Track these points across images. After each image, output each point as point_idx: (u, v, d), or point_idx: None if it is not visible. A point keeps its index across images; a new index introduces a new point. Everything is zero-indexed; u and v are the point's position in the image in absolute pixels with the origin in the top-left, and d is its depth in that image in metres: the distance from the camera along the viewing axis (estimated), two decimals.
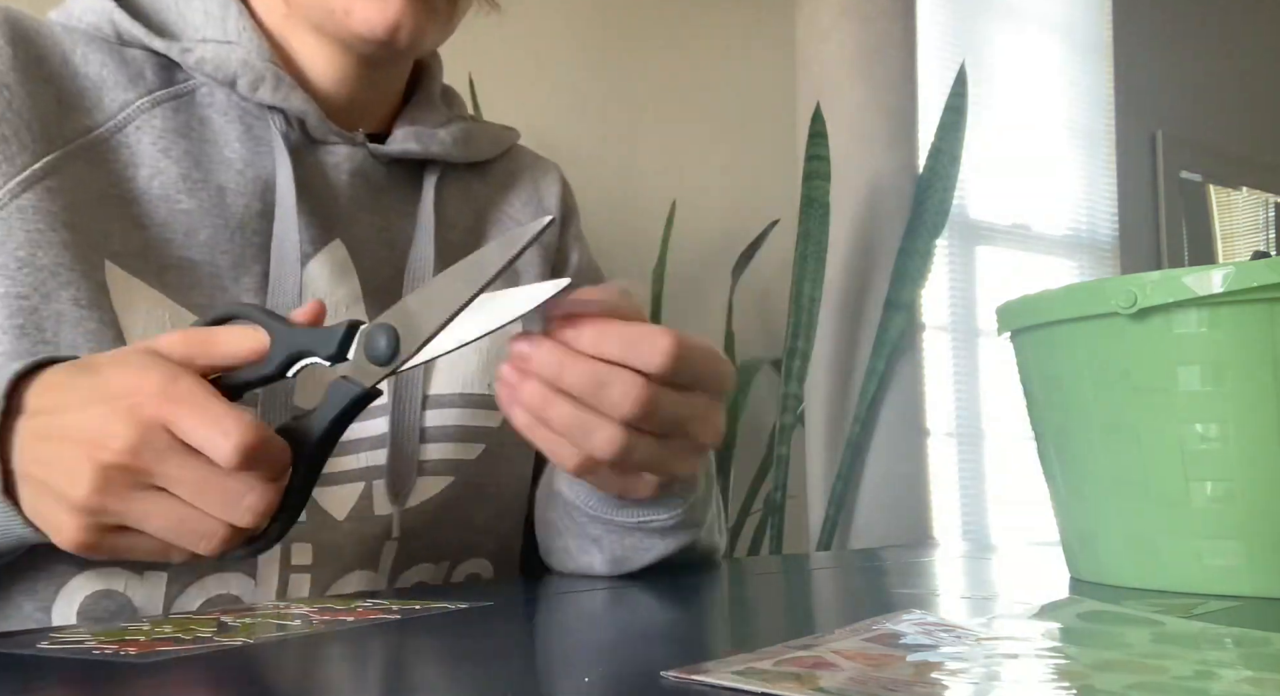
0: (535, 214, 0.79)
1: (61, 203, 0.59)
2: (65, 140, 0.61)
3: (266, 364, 0.47)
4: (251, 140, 0.66)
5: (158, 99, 0.64)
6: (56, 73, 0.62)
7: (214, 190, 0.64)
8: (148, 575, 0.58)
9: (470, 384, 0.69)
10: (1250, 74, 3.71)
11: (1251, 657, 0.39)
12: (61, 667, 0.38)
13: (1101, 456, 0.59)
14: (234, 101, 0.66)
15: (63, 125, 0.61)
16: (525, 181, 0.80)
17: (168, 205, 0.62)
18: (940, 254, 2.71)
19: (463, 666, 0.39)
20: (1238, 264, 0.52)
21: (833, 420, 2.07)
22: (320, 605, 0.52)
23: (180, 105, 0.65)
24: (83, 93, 0.63)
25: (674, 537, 0.62)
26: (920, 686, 0.33)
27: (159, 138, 0.63)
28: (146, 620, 0.48)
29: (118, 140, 0.62)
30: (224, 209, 0.63)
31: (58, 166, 0.60)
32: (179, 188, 0.63)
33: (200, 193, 0.63)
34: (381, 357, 0.47)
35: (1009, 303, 0.65)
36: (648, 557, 0.63)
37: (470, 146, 0.75)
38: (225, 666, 0.38)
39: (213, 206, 0.63)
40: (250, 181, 0.65)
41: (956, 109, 2.05)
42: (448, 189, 0.74)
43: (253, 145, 0.66)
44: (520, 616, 0.52)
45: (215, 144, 0.65)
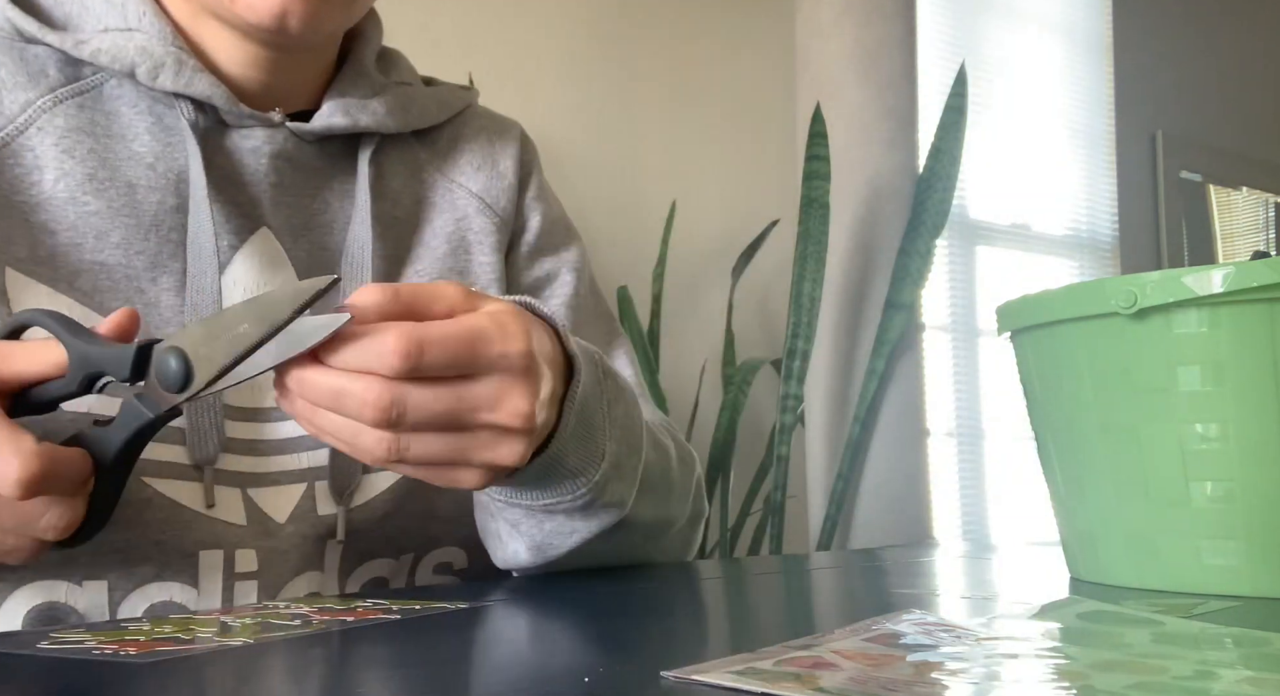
0: (489, 179, 0.75)
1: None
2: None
3: (68, 381, 0.47)
4: (163, 131, 0.63)
5: (60, 97, 0.61)
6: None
7: (123, 188, 0.61)
8: (87, 584, 0.57)
9: None
10: (1250, 74, 3.71)
11: (1251, 657, 0.39)
12: (61, 667, 0.38)
13: (1101, 456, 0.59)
14: (143, 93, 0.63)
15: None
16: (478, 144, 0.76)
17: (75, 208, 0.60)
18: (940, 254, 2.71)
19: (463, 666, 0.39)
20: (1238, 264, 0.52)
21: (833, 420, 2.07)
22: (320, 605, 0.52)
23: (85, 101, 0.62)
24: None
25: (595, 518, 0.59)
26: (920, 686, 0.33)
27: (61, 138, 0.60)
28: (147, 620, 0.48)
29: (19, 144, 0.60)
30: (135, 207, 0.61)
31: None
32: (85, 189, 0.60)
33: (108, 192, 0.61)
34: (173, 383, 0.46)
35: (1009, 303, 0.65)
36: (571, 541, 0.60)
37: (409, 113, 0.71)
38: (226, 666, 0.38)
39: (123, 205, 0.61)
40: (162, 176, 0.62)
41: (956, 109, 2.05)
42: (389, 162, 0.71)
43: (164, 137, 0.63)
44: (520, 616, 0.52)
45: (123, 139, 0.62)
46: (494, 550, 0.65)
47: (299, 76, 0.68)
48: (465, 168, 0.75)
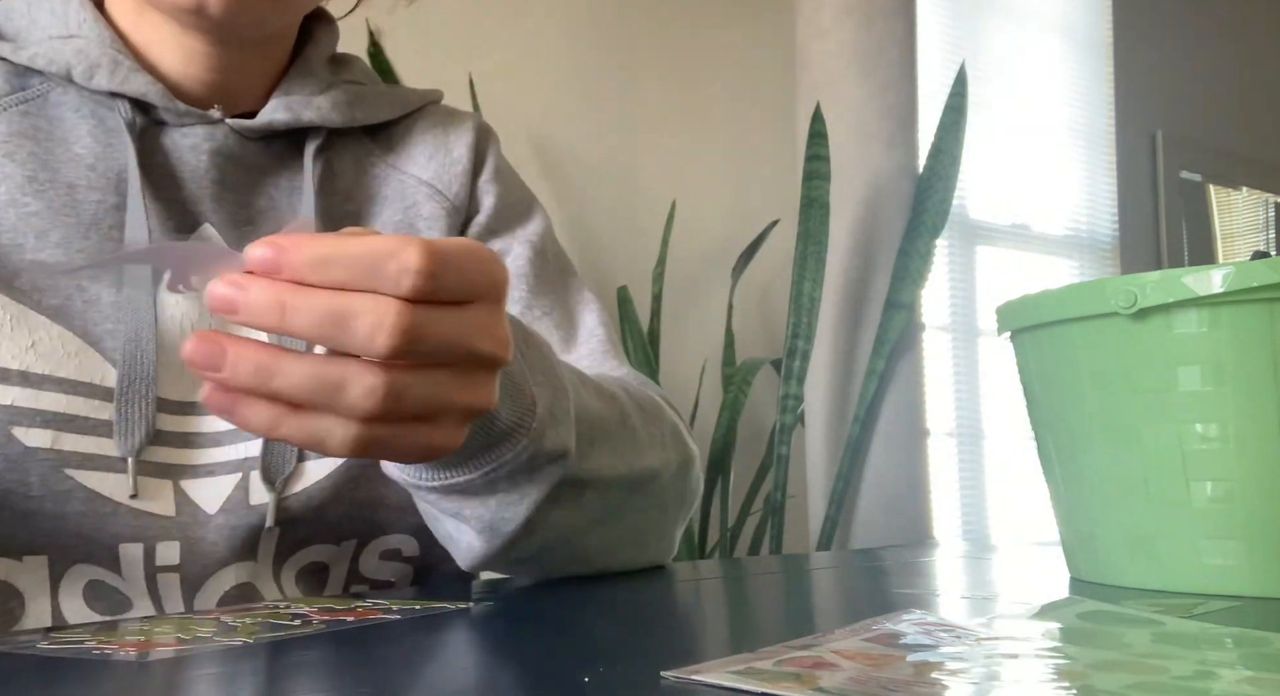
0: (440, 165, 0.74)
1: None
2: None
3: None
4: (104, 133, 0.64)
5: (4, 105, 0.63)
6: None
7: (63, 189, 0.62)
8: (27, 560, 0.58)
9: None
10: (1250, 73, 3.71)
11: (1251, 657, 0.39)
12: (61, 667, 0.38)
13: (1101, 456, 0.59)
14: (85, 97, 0.64)
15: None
16: (431, 135, 0.75)
17: (15, 210, 0.61)
18: (940, 254, 2.71)
19: (463, 665, 0.39)
20: (1238, 264, 0.52)
21: (833, 420, 2.07)
22: (320, 605, 0.52)
23: (29, 109, 0.64)
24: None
25: (541, 475, 0.53)
26: (920, 686, 0.33)
27: (2, 143, 0.62)
28: (146, 619, 0.48)
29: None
30: (75, 207, 0.62)
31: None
32: (25, 190, 0.62)
33: (48, 193, 0.62)
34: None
35: (1009, 303, 0.65)
36: (524, 509, 0.54)
37: (356, 109, 0.71)
38: (225, 667, 0.38)
39: (63, 206, 0.62)
40: (101, 175, 0.63)
41: (956, 109, 2.05)
42: (337, 158, 0.71)
43: (105, 138, 0.64)
44: (520, 616, 0.52)
45: (64, 142, 0.64)
46: (454, 553, 0.61)
47: (245, 76, 0.68)
48: (418, 158, 0.74)
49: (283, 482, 0.63)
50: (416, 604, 0.52)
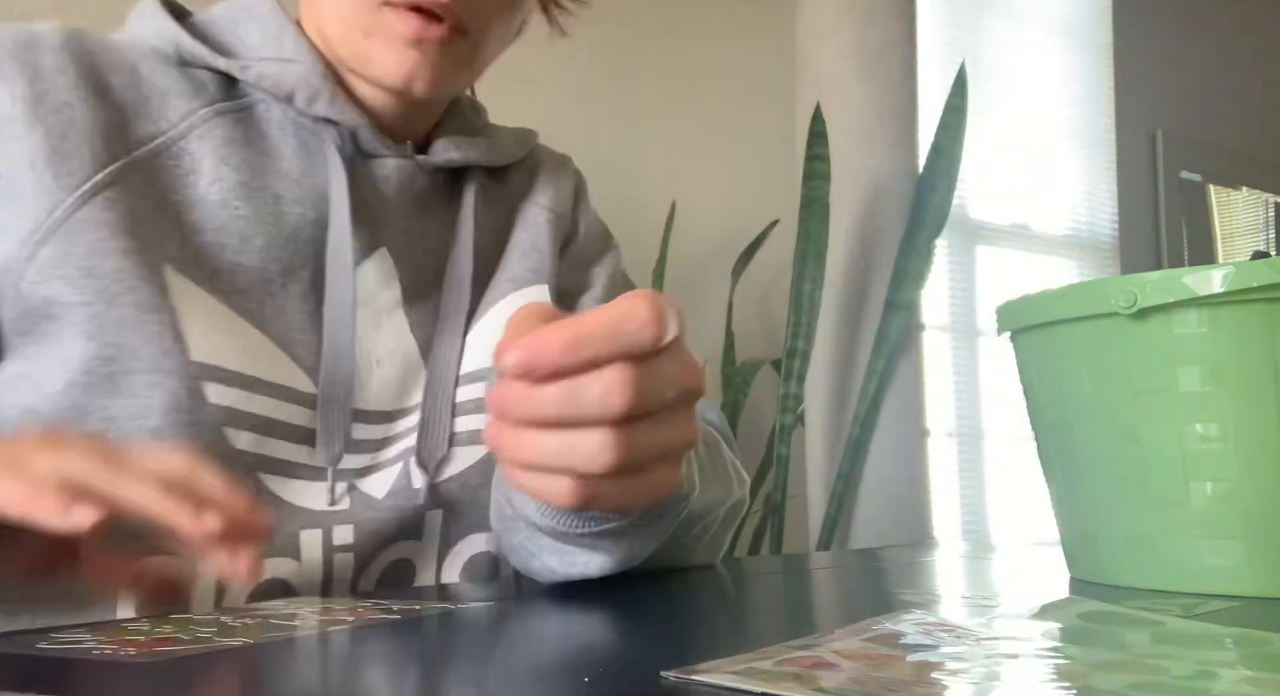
0: (554, 192, 0.82)
1: (121, 210, 0.61)
2: (128, 149, 0.63)
3: None
4: (306, 154, 0.68)
5: (219, 110, 0.67)
6: (122, 83, 0.65)
7: (270, 198, 0.66)
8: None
9: None
10: (1250, 73, 3.71)
11: (1251, 657, 0.39)
12: (60, 667, 0.38)
13: (1101, 456, 0.59)
14: (289, 117, 0.68)
15: (126, 134, 0.63)
16: (545, 174, 0.84)
17: (226, 211, 0.65)
18: (940, 254, 2.71)
19: (462, 666, 0.39)
20: (1238, 264, 0.52)
21: (833, 420, 2.07)
22: (322, 605, 0.52)
23: (240, 118, 0.68)
24: (147, 100, 0.65)
25: (675, 517, 0.58)
26: (920, 686, 0.33)
27: (219, 146, 0.66)
28: (146, 620, 0.48)
29: (179, 147, 0.65)
30: (279, 216, 0.66)
31: (120, 176, 0.62)
32: (237, 194, 0.65)
33: (257, 200, 0.66)
34: None
35: (1009, 302, 0.65)
36: (649, 548, 0.59)
37: (501, 152, 0.79)
38: (225, 666, 0.38)
39: (269, 213, 0.66)
40: (306, 191, 0.67)
41: (956, 109, 2.05)
42: (478, 194, 0.77)
43: (307, 158, 0.68)
44: (520, 616, 0.52)
45: (272, 155, 0.68)
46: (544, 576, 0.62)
47: (417, 120, 0.75)
48: (536, 189, 0.83)
49: (435, 467, 0.68)
50: (417, 604, 0.52)
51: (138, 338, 0.59)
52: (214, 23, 0.71)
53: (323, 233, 0.67)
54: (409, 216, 0.72)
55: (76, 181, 0.60)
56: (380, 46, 0.66)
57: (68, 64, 0.63)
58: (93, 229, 0.60)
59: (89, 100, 0.63)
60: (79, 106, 0.62)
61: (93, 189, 0.61)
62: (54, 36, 0.64)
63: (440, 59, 0.67)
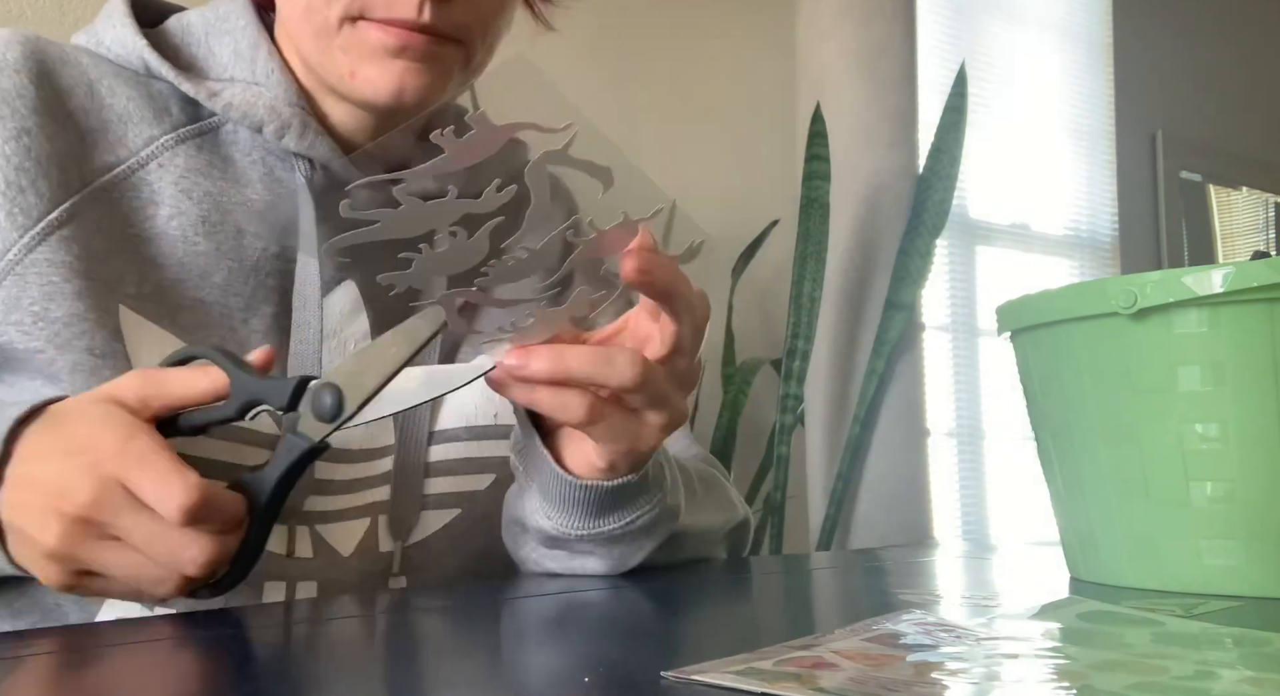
0: None
1: (76, 251, 0.59)
2: (84, 182, 0.61)
3: (227, 406, 0.50)
4: (274, 183, 0.66)
5: (182, 136, 0.64)
6: (81, 106, 0.62)
7: (232, 232, 0.64)
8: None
9: (475, 416, 0.69)
10: (1250, 73, 3.71)
11: (1251, 657, 0.38)
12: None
13: (1101, 456, 0.59)
14: (258, 142, 0.66)
15: (83, 165, 0.61)
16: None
17: (185, 246, 0.62)
18: (940, 254, 2.71)
19: (462, 665, 0.39)
20: (1238, 264, 0.52)
21: (833, 420, 2.07)
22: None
23: (204, 143, 0.65)
24: (106, 127, 0.62)
25: (660, 530, 0.62)
26: (920, 686, 0.33)
27: (181, 177, 0.63)
28: None
29: (138, 178, 0.62)
30: (240, 251, 0.64)
31: (75, 212, 0.60)
32: (198, 229, 0.63)
33: (218, 234, 0.63)
34: (326, 414, 0.49)
35: (1009, 302, 0.65)
36: (638, 556, 0.62)
37: (484, 176, 0.76)
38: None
39: (230, 249, 0.63)
40: (270, 225, 0.65)
41: (956, 109, 2.05)
42: None
43: (275, 188, 0.66)
44: (520, 616, 0.52)
45: (237, 184, 0.65)
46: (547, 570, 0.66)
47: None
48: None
49: (406, 531, 0.66)
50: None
51: (92, 383, 0.56)
52: (186, 30, 0.67)
53: (285, 266, 0.65)
54: (380, 244, 0.70)
55: (31, 221, 0.58)
56: (362, 61, 0.62)
57: (26, 86, 0.60)
58: (47, 271, 0.57)
59: (47, 128, 0.60)
60: (37, 135, 0.59)
61: (47, 228, 0.58)
62: (10, 52, 0.61)
63: (428, 65, 0.63)
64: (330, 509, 0.65)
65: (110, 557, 0.47)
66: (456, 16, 0.62)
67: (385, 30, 0.61)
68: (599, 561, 0.62)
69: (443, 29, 0.62)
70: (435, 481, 0.68)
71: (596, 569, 0.62)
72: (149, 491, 0.46)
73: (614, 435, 0.53)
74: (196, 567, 0.47)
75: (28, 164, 0.59)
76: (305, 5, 0.62)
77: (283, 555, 0.62)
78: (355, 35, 0.61)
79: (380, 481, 0.66)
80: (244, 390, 0.50)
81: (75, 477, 0.46)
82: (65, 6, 1.61)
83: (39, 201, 0.58)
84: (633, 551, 0.61)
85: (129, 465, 0.46)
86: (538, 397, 0.51)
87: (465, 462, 0.69)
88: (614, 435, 0.53)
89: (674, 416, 0.55)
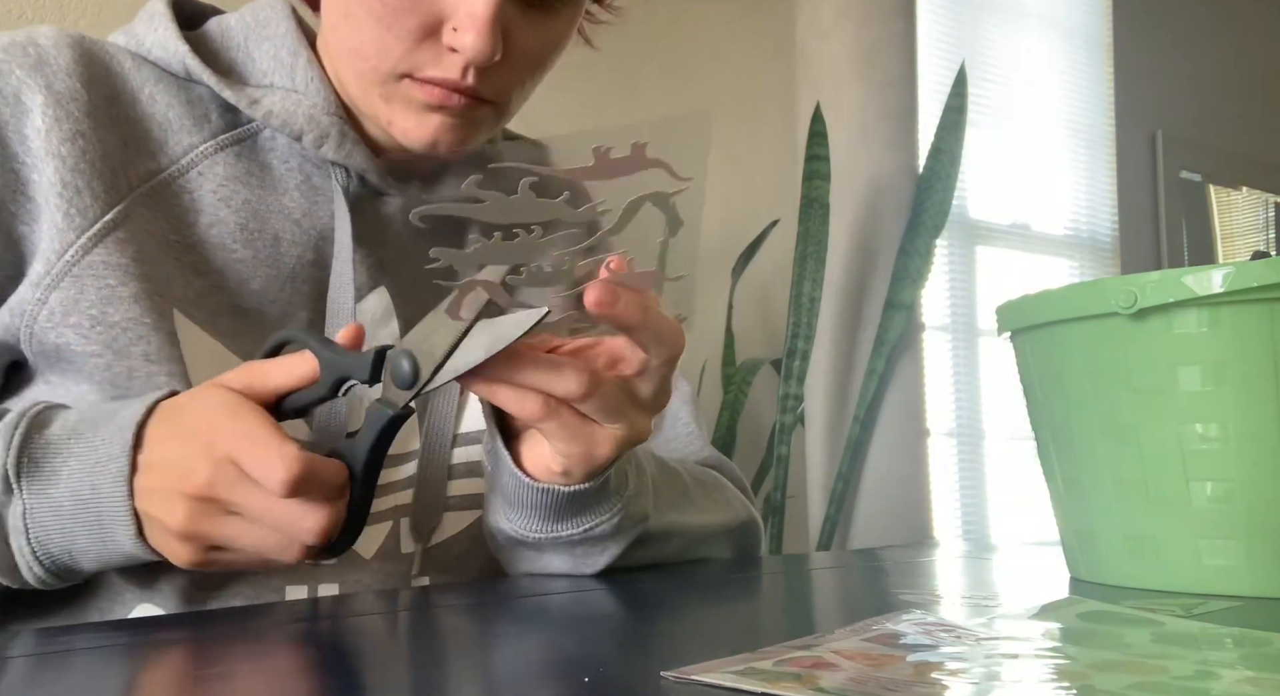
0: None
1: (131, 253, 0.59)
2: (130, 186, 0.61)
3: (319, 386, 0.53)
4: (310, 190, 0.66)
5: (221, 144, 0.65)
6: (124, 114, 0.62)
7: (269, 240, 0.64)
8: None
9: None
10: (1250, 74, 3.71)
11: (1251, 657, 0.38)
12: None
13: (1101, 456, 0.59)
14: (295, 149, 0.66)
15: (128, 169, 0.61)
16: None
17: (224, 253, 0.63)
18: (940, 254, 2.71)
19: (462, 664, 0.39)
20: (1238, 264, 0.52)
21: (833, 420, 2.07)
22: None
23: (243, 150, 0.65)
24: (148, 134, 0.63)
25: (624, 536, 0.62)
26: (920, 686, 0.33)
27: (220, 185, 0.64)
28: None
29: (179, 185, 0.63)
30: (278, 259, 0.64)
31: (127, 215, 0.60)
32: (236, 237, 0.63)
33: (256, 242, 0.64)
34: (405, 381, 0.51)
35: (1009, 302, 0.65)
36: (604, 560, 0.63)
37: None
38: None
39: (267, 256, 0.64)
40: (306, 232, 0.65)
41: (956, 109, 2.05)
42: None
43: (311, 195, 0.66)
44: (520, 615, 0.52)
45: (274, 191, 0.65)
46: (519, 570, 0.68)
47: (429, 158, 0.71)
48: None
49: (428, 533, 0.67)
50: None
51: (146, 389, 0.58)
52: (226, 34, 0.67)
53: (320, 274, 0.66)
54: (412, 253, 0.70)
55: (87, 222, 0.59)
56: (400, 112, 0.63)
57: (79, 90, 0.60)
58: (104, 274, 0.58)
59: (98, 131, 0.60)
60: (90, 137, 0.60)
61: (103, 230, 0.59)
62: (63, 56, 0.61)
63: (463, 121, 0.63)
64: None
65: (234, 531, 0.50)
66: (496, 81, 0.63)
67: (427, 90, 0.61)
68: (562, 561, 0.63)
69: (481, 93, 0.62)
70: (457, 483, 0.69)
71: (562, 568, 0.63)
72: (254, 467, 0.48)
73: (567, 436, 0.53)
74: (312, 535, 0.49)
75: (83, 165, 0.59)
76: (353, 49, 0.62)
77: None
78: (398, 89, 0.62)
79: (404, 485, 0.67)
80: (332, 368, 0.52)
81: (193, 459, 0.49)
82: (65, 6, 1.61)
83: (94, 203, 0.59)
84: (596, 553, 0.62)
85: (237, 443, 0.49)
86: (496, 391, 0.52)
87: None
88: (567, 436, 0.53)
89: (632, 432, 0.55)
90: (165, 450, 0.51)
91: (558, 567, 0.63)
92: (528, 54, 0.63)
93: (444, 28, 0.60)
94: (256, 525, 0.50)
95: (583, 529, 0.59)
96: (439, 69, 0.61)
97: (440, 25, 0.60)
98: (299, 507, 0.49)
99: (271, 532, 0.50)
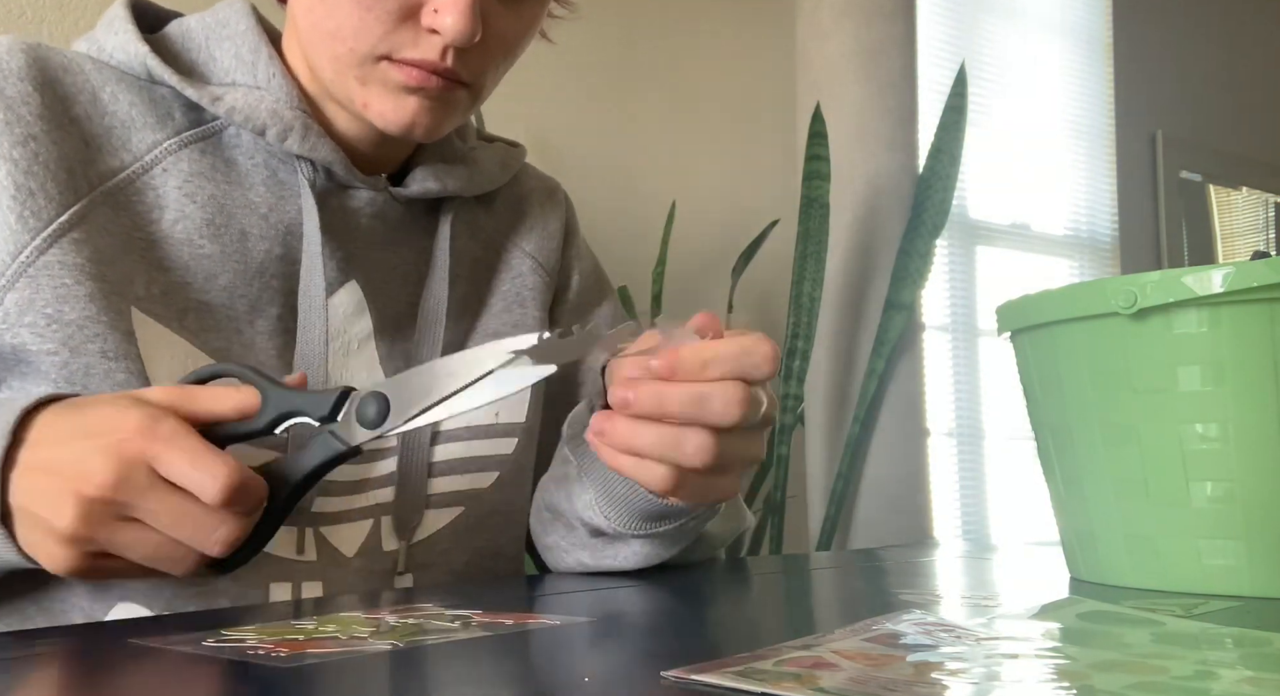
0: (540, 239, 0.80)
1: (87, 253, 0.59)
2: (91, 185, 0.61)
3: (256, 421, 0.52)
4: (276, 184, 0.66)
5: (185, 140, 0.64)
6: (84, 113, 0.62)
7: (236, 235, 0.64)
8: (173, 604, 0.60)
9: (476, 416, 0.70)
10: (1250, 74, 3.71)
11: (1251, 657, 0.39)
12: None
13: (1101, 456, 0.59)
14: (260, 145, 0.66)
15: (89, 169, 0.61)
16: (532, 206, 0.81)
17: (190, 249, 0.63)
18: (940, 254, 2.71)
19: (462, 665, 0.39)
20: (1238, 264, 0.52)
21: (833, 420, 2.07)
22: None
23: (208, 146, 0.65)
24: (110, 132, 0.63)
25: (695, 535, 0.64)
26: (920, 686, 0.33)
27: (185, 181, 0.63)
28: (314, 618, 0.47)
29: (143, 182, 0.63)
30: (245, 253, 0.64)
31: (84, 215, 0.60)
32: (202, 232, 0.63)
33: (223, 237, 0.64)
34: (370, 423, 0.51)
35: (1009, 302, 0.65)
36: (675, 550, 0.64)
37: (482, 179, 0.76)
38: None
39: (234, 251, 0.64)
40: (273, 226, 0.65)
41: (956, 109, 2.05)
42: (458, 222, 0.75)
43: (278, 189, 0.66)
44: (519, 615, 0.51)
45: (240, 187, 0.65)
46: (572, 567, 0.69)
47: (396, 149, 0.72)
48: (521, 229, 0.80)
49: (410, 530, 0.67)
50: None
51: (104, 386, 0.57)
52: (187, 36, 0.67)
53: (289, 269, 0.65)
54: (382, 247, 0.70)
55: (42, 223, 0.58)
56: (377, 94, 0.63)
57: (31, 93, 0.60)
58: (59, 273, 0.58)
59: (52, 134, 0.60)
60: (43, 140, 0.59)
61: (58, 231, 0.58)
62: (14, 60, 0.61)
63: (440, 104, 0.64)
64: (333, 511, 0.65)
65: (129, 538, 0.48)
66: (473, 64, 0.63)
67: (405, 71, 0.62)
68: (632, 555, 0.64)
69: (459, 75, 0.63)
70: (438, 481, 0.68)
71: (625, 564, 0.64)
72: (183, 472, 0.47)
73: (697, 496, 0.56)
74: (222, 547, 0.48)
75: (35, 168, 0.59)
76: (329, 32, 0.62)
77: (291, 557, 0.62)
78: (375, 71, 0.62)
79: (383, 482, 0.67)
80: (278, 405, 0.51)
81: (95, 458, 0.46)
82: (65, 6, 1.62)
83: (49, 204, 0.59)
84: (667, 549, 0.64)
85: (156, 445, 0.47)
86: (621, 463, 0.53)
87: (468, 461, 0.70)
88: (697, 496, 0.56)
89: (754, 461, 0.56)
90: (61, 448, 0.48)
91: (621, 562, 0.64)
92: (503, 38, 0.64)
93: (423, 9, 0.60)
94: (156, 534, 0.48)
95: (677, 523, 0.62)
96: (418, 51, 0.61)
97: (420, 7, 0.60)
98: (217, 518, 0.47)
99: (169, 541, 0.48)
